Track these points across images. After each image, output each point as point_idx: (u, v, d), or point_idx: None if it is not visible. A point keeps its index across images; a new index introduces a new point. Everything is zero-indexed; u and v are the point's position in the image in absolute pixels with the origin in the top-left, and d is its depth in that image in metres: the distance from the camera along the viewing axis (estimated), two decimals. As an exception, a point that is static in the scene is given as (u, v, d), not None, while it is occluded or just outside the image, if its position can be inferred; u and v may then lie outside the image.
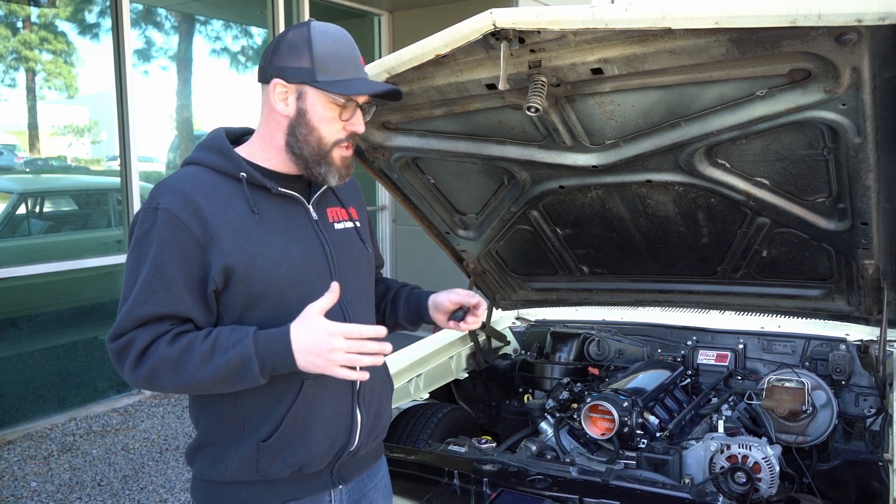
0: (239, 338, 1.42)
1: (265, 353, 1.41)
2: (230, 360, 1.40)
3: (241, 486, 1.57)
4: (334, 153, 1.57)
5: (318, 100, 1.53)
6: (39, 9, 5.26)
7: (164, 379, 1.44)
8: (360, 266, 1.68)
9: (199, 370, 1.41)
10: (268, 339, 1.42)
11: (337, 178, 1.59)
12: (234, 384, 1.45)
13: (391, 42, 7.61)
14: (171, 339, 1.44)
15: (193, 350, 1.42)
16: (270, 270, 1.50)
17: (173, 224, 1.45)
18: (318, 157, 1.56)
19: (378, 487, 1.79)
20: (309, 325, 1.41)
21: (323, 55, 1.51)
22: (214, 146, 1.59)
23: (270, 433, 1.52)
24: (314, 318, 1.41)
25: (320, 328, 1.40)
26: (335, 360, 1.38)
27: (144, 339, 1.43)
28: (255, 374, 1.42)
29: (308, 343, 1.40)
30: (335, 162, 1.57)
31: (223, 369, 1.41)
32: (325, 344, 1.38)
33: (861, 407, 2.69)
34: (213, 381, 1.43)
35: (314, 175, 1.58)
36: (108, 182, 5.85)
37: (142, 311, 1.44)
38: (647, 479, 2.08)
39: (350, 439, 1.62)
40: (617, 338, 3.21)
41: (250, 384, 1.45)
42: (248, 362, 1.40)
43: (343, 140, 1.57)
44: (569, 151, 2.27)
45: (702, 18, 1.58)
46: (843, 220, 2.20)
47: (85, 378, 5.40)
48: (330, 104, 1.53)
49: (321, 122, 1.54)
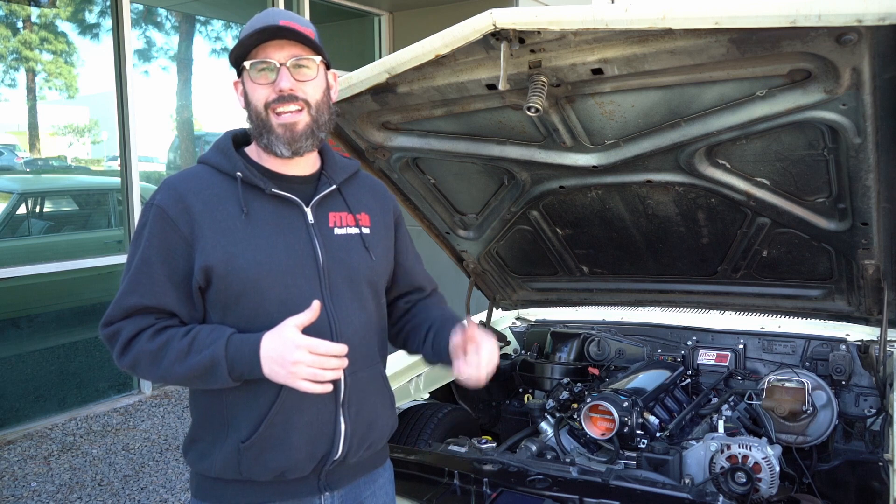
0: (214, 339, 1.47)
1: (234, 358, 1.46)
2: (202, 360, 1.46)
3: (227, 484, 1.58)
4: (271, 119, 1.53)
5: (245, 76, 1.55)
6: (40, 9, 5.27)
7: (145, 370, 1.52)
8: (357, 273, 1.64)
9: (174, 367, 1.48)
10: (240, 343, 1.46)
11: (283, 146, 1.54)
12: (206, 383, 1.50)
13: (391, 42, 7.61)
14: (153, 332, 1.50)
15: (171, 347, 1.48)
16: (250, 270, 1.51)
17: (163, 220, 1.51)
18: (261, 127, 1.56)
19: (377, 495, 1.76)
20: (279, 337, 1.44)
21: (242, 33, 1.55)
22: (220, 146, 1.63)
23: (250, 434, 1.53)
24: (287, 330, 1.44)
25: (288, 340, 1.43)
26: (297, 372, 1.42)
27: (130, 330, 1.50)
28: (224, 376, 1.46)
29: (274, 353, 1.43)
30: (275, 128, 1.54)
31: (195, 368, 1.46)
32: (290, 356, 1.41)
33: (861, 407, 2.69)
34: (187, 378, 1.50)
35: (266, 148, 1.57)
36: (108, 182, 5.86)
37: (128, 302, 1.51)
38: (648, 480, 2.08)
39: (333, 448, 1.59)
40: (617, 338, 3.21)
41: (222, 385, 1.50)
42: (217, 364, 1.46)
43: (273, 101, 1.52)
44: (569, 151, 2.27)
45: (702, 19, 1.58)
46: (843, 221, 2.20)
47: (85, 378, 5.40)
48: (254, 73, 1.52)
49: (252, 91, 1.55)
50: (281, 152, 1.55)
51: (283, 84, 1.52)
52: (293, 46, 1.53)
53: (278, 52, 1.52)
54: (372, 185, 1.81)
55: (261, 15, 1.58)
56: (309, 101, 1.55)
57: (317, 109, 1.57)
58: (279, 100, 1.52)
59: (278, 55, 1.52)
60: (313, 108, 1.56)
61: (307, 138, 1.56)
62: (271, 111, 1.53)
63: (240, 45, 1.53)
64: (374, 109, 2.29)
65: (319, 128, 1.59)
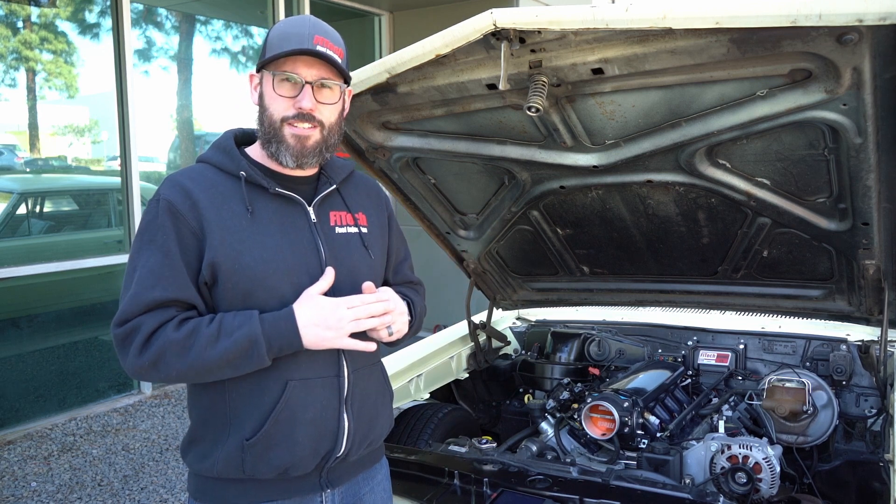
0: (244, 320, 1.47)
1: (271, 334, 1.46)
2: (237, 340, 1.45)
3: (228, 483, 1.58)
4: (284, 130, 1.56)
5: (267, 80, 1.55)
6: (40, 9, 5.26)
7: (170, 363, 1.46)
8: (358, 271, 1.66)
9: (206, 352, 1.45)
10: (273, 319, 1.48)
11: (290, 157, 1.57)
12: (238, 367, 1.48)
13: (392, 42, 7.61)
14: (177, 323, 1.47)
15: (199, 333, 1.46)
16: (257, 269, 1.52)
17: (174, 214, 1.51)
18: (270, 135, 1.57)
19: (375, 491, 1.77)
20: (313, 302, 1.50)
21: (272, 36, 1.55)
22: (221, 145, 1.63)
23: (255, 431, 1.53)
24: (316, 296, 1.51)
25: (325, 303, 1.50)
26: (344, 328, 1.49)
27: (151, 323, 1.46)
28: (261, 354, 1.46)
29: (317, 317, 1.48)
30: (286, 139, 1.56)
31: (231, 350, 1.45)
32: (333, 315, 1.48)
33: (862, 407, 2.69)
34: (219, 364, 1.46)
35: (273, 156, 1.58)
36: (108, 182, 5.85)
37: (149, 296, 1.47)
38: (648, 480, 2.08)
39: (337, 445, 1.60)
40: (617, 338, 3.21)
41: (255, 366, 1.48)
42: (255, 343, 1.45)
43: (291, 117, 1.54)
44: (569, 151, 2.27)
45: (703, 18, 1.58)
46: (843, 221, 2.20)
47: (85, 378, 5.40)
48: (277, 82, 1.53)
49: (271, 100, 1.55)
50: (287, 163, 1.58)
51: (304, 103, 1.54)
52: (322, 67, 1.55)
53: (307, 69, 1.53)
54: (366, 184, 1.83)
55: (298, 23, 1.56)
56: (324, 123, 1.58)
57: (329, 131, 1.61)
58: (297, 116, 1.55)
59: (306, 72, 1.54)
60: (326, 129, 1.60)
61: (314, 156, 1.60)
62: (286, 124, 1.55)
63: (269, 49, 1.53)
64: (374, 109, 2.29)
65: (328, 148, 1.62)
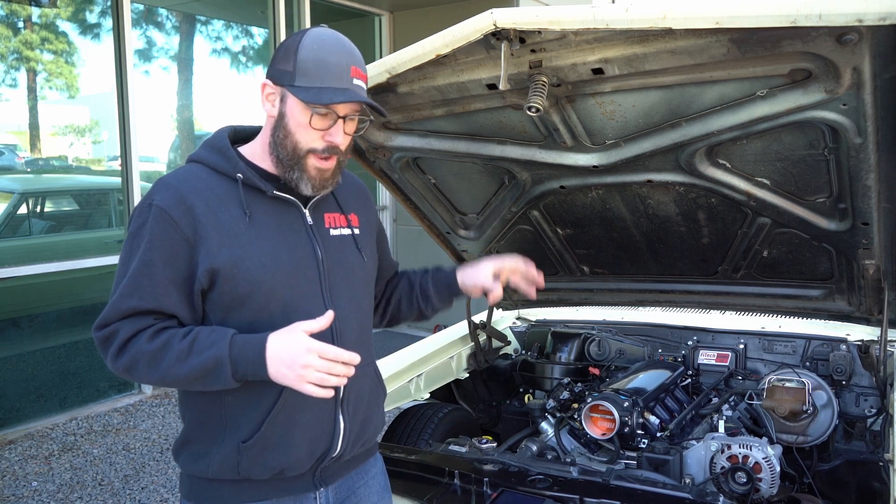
0: (216, 339, 1.45)
1: (238, 359, 1.43)
2: (204, 361, 1.43)
3: (222, 484, 1.58)
4: (308, 161, 1.54)
5: (296, 105, 1.50)
6: (40, 9, 5.27)
7: (142, 372, 1.48)
8: (353, 273, 1.67)
9: (174, 368, 1.44)
10: (244, 344, 1.44)
11: (310, 187, 1.56)
12: (207, 385, 1.47)
13: (392, 42, 7.61)
14: (152, 334, 1.46)
15: (171, 347, 1.45)
16: (257, 273, 1.51)
17: (165, 222, 1.48)
18: (292, 162, 1.54)
19: (369, 485, 1.78)
20: (289, 339, 1.43)
21: (305, 60, 1.49)
22: (215, 145, 1.60)
23: (251, 434, 1.53)
24: (298, 333, 1.43)
25: (300, 343, 1.42)
26: (305, 375, 1.40)
27: (127, 331, 1.47)
28: (227, 377, 1.44)
29: (284, 354, 1.42)
30: (308, 170, 1.54)
31: (197, 369, 1.44)
32: (301, 359, 1.40)
33: (862, 407, 2.69)
34: (188, 380, 1.46)
35: (289, 180, 1.56)
36: (108, 182, 5.85)
37: (126, 305, 1.47)
38: (648, 479, 2.08)
39: (332, 445, 1.61)
40: (617, 338, 3.21)
41: (223, 386, 1.47)
42: (221, 365, 1.43)
43: (319, 150, 1.53)
44: (569, 151, 2.27)
45: (703, 18, 1.58)
46: (843, 221, 2.20)
47: (86, 378, 5.40)
48: (307, 111, 1.50)
49: (297, 127, 1.52)
50: (305, 191, 1.57)
51: (336, 139, 1.53)
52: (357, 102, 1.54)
53: (343, 105, 1.52)
54: (355, 185, 1.82)
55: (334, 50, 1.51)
56: (342, 150, 1.58)
57: (345, 155, 1.61)
58: (326, 150, 1.54)
59: (341, 107, 1.52)
60: (343, 155, 1.59)
61: (331, 182, 1.60)
62: (313, 156, 1.54)
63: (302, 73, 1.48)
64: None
65: (340, 170, 1.62)
